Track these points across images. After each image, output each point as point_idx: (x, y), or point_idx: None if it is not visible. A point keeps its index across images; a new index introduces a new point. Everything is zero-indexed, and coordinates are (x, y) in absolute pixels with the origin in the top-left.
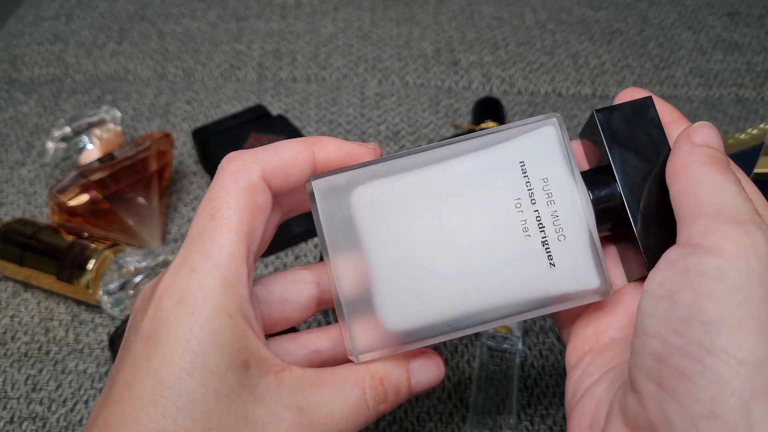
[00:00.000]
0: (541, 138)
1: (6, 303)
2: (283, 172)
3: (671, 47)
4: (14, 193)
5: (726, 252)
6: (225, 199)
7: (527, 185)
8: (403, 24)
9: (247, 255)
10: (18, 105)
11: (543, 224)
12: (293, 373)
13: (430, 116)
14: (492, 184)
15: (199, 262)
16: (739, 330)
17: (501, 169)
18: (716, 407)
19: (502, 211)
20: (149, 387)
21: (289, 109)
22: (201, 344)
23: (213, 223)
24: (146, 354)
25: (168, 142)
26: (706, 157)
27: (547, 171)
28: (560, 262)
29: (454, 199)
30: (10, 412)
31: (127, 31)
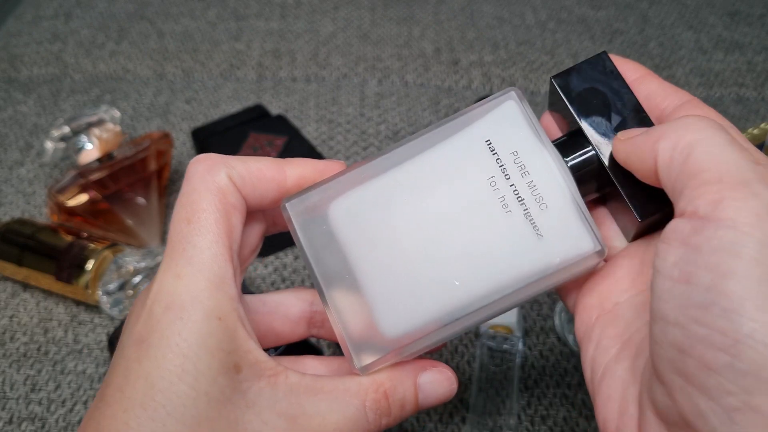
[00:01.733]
0: (502, 114)
1: (5, 303)
2: (250, 180)
3: (672, 47)
4: (13, 193)
5: (738, 222)
6: (198, 202)
7: (498, 162)
8: (403, 23)
9: (230, 255)
10: (17, 104)
11: (522, 197)
12: (288, 378)
13: (430, 116)
14: (462, 169)
15: (183, 267)
16: (763, 311)
17: (469, 152)
18: (752, 399)
19: (477, 192)
20: (140, 390)
21: (288, 109)
22: (191, 347)
23: (190, 227)
24: (138, 358)
25: (167, 142)
26: (692, 118)
27: (515, 144)
28: (547, 230)
29: (429, 192)
30: (9, 413)
31: (126, 31)
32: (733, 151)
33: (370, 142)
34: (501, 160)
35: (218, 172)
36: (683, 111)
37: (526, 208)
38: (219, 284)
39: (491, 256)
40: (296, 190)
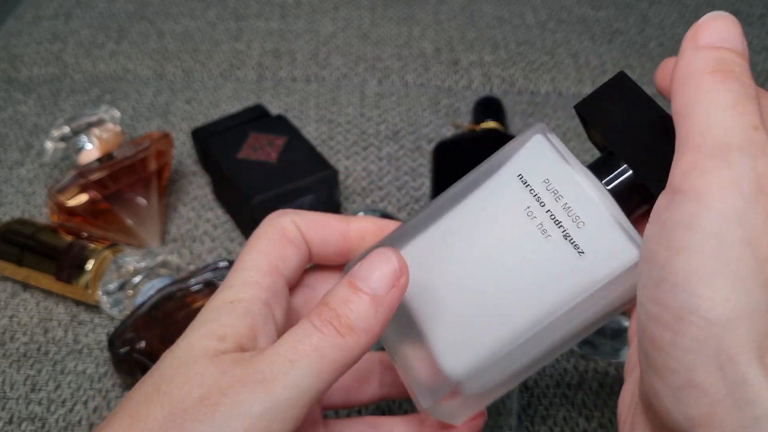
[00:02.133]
0: (530, 149)
1: (5, 303)
2: (314, 225)
3: (672, 47)
4: (13, 193)
5: (703, 194)
6: (257, 233)
7: (531, 192)
8: (403, 23)
9: (267, 275)
10: (17, 104)
11: (558, 219)
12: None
13: (430, 116)
14: (501, 206)
15: (227, 278)
16: (708, 286)
17: (504, 190)
18: (693, 375)
19: (517, 224)
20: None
21: (288, 109)
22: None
23: (243, 250)
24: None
25: (167, 142)
26: (708, 65)
27: (546, 173)
28: (587, 247)
29: (474, 234)
30: (9, 413)
31: (126, 31)
32: (729, 114)
33: (370, 142)
34: (534, 190)
35: (283, 216)
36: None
37: (564, 229)
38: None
39: (537, 280)
40: (358, 242)
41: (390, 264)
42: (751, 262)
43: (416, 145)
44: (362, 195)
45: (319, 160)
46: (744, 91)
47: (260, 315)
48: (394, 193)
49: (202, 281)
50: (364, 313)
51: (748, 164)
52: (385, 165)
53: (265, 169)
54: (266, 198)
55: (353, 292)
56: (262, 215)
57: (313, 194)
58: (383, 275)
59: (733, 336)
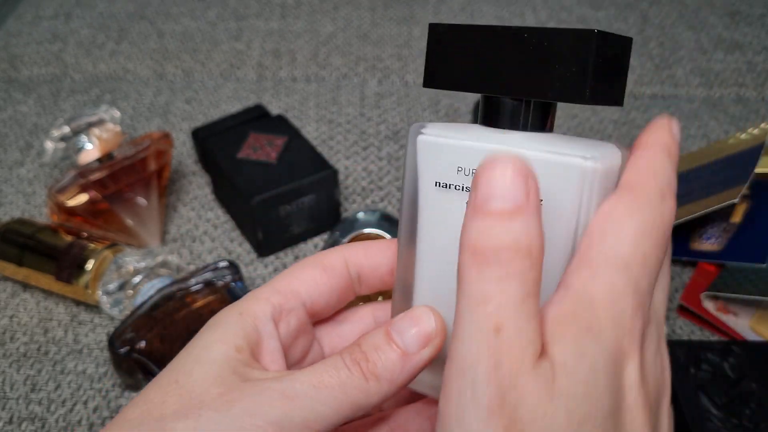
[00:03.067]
0: (424, 154)
1: (5, 303)
2: (363, 254)
3: (672, 47)
4: (13, 193)
5: (445, 421)
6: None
7: (456, 188)
8: (403, 23)
9: (278, 298)
10: (17, 104)
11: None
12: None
13: (430, 116)
14: (446, 222)
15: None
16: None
17: (435, 205)
18: None
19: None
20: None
21: (288, 109)
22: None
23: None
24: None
25: (167, 142)
26: (470, 243)
27: (452, 163)
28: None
29: (452, 261)
30: (9, 413)
31: (126, 31)
32: (473, 319)
33: (370, 142)
34: (457, 185)
35: (332, 250)
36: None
37: None
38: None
39: None
40: None
41: (428, 324)
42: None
43: None
44: (362, 195)
45: (319, 160)
46: (496, 273)
47: (265, 330)
48: (394, 193)
49: (202, 281)
50: (392, 365)
51: (480, 384)
52: (385, 165)
53: (265, 169)
54: (266, 198)
55: (387, 341)
56: (262, 215)
57: (313, 194)
58: (418, 334)
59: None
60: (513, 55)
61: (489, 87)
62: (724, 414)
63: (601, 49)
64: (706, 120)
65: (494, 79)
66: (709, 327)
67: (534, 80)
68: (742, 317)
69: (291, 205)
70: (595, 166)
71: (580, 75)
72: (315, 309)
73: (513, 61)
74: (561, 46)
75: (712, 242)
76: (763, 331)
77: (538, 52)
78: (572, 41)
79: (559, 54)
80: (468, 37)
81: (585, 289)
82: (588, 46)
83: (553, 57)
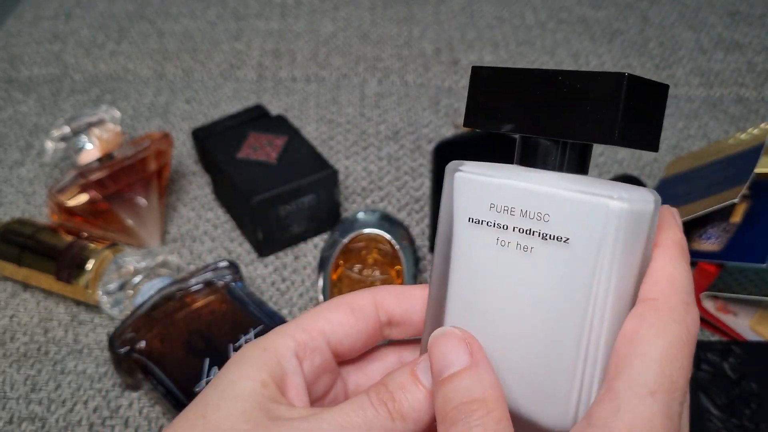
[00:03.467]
0: (460, 191)
1: (5, 303)
2: (396, 298)
3: (672, 47)
4: (13, 193)
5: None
6: (321, 305)
7: (487, 225)
8: (403, 23)
9: (302, 344)
10: (17, 104)
11: (525, 228)
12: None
13: (430, 116)
14: (477, 257)
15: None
16: None
17: (467, 242)
18: None
19: (499, 261)
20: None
21: (288, 109)
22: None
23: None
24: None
25: (167, 142)
26: (439, 407)
27: (485, 200)
28: (566, 230)
29: (482, 300)
30: (10, 413)
31: (126, 31)
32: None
33: (370, 142)
34: (488, 222)
35: (363, 291)
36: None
37: (537, 231)
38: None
39: (556, 292)
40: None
41: None
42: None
43: (416, 145)
44: (362, 195)
45: (319, 160)
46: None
47: (289, 366)
48: (394, 193)
49: (202, 281)
50: (418, 404)
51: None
52: (385, 165)
53: (265, 169)
54: (266, 198)
55: (413, 381)
56: (262, 215)
57: (313, 194)
58: None
59: None
60: (548, 96)
61: (525, 128)
62: (724, 414)
63: (632, 92)
64: (706, 120)
65: (530, 120)
66: (709, 327)
67: (567, 121)
68: (742, 317)
69: (291, 205)
70: (622, 206)
71: (610, 116)
72: (340, 350)
73: (548, 102)
74: (593, 89)
75: (712, 242)
76: (763, 331)
77: (572, 94)
78: (604, 84)
79: (591, 96)
80: (507, 79)
81: (606, 424)
82: (618, 88)
83: (585, 99)
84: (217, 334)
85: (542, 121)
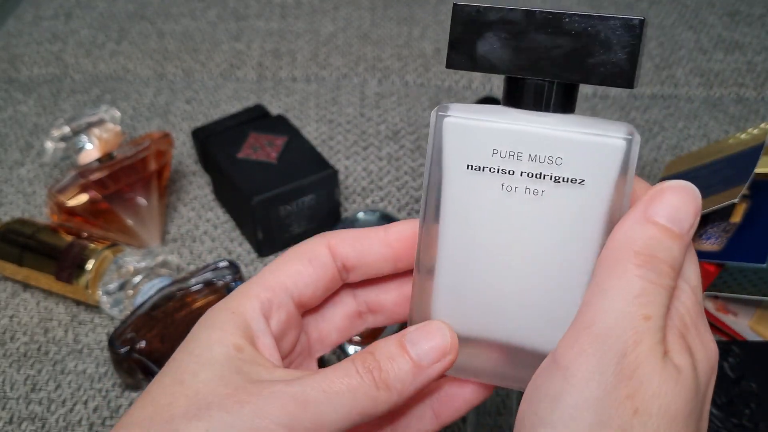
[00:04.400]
0: (452, 136)
1: (5, 303)
2: (350, 242)
3: (672, 47)
4: (13, 193)
5: (572, 374)
6: (283, 253)
7: (490, 170)
8: (403, 23)
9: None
10: (17, 104)
11: (536, 173)
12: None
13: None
14: (480, 206)
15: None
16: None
17: (467, 189)
18: None
19: (506, 207)
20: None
21: (288, 109)
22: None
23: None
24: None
25: (167, 142)
26: (637, 243)
27: (486, 146)
28: (580, 172)
29: (485, 247)
30: (10, 413)
31: (126, 31)
32: (626, 302)
33: (370, 142)
34: (492, 167)
35: (317, 238)
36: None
37: (549, 175)
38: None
39: (572, 233)
40: (402, 248)
41: (442, 339)
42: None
43: (416, 145)
44: (362, 195)
45: (319, 160)
46: (656, 278)
47: (258, 327)
48: (394, 193)
49: (202, 281)
50: (404, 375)
51: (618, 353)
52: (385, 165)
53: (265, 169)
54: (266, 198)
55: (400, 352)
56: (262, 215)
57: (313, 194)
58: (433, 348)
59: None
60: (551, 39)
61: (522, 69)
62: (723, 414)
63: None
64: (706, 120)
65: (526, 61)
66: (709, 327)
67: (576, 64)
68: (742, 317)
69: (291, 205)
70: (626, 144)
71: (628, 61)
72: (302, 300)
73: (551, 45)
74: (607, 33)
75: (712, 242)
76: (763, 331)
77: (580, 38)
78: (619, 28)
79: (604, 40)
80: (496, 19)
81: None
82: (636, 33)
83: (598, 43)
84: None
85: (544, 63)
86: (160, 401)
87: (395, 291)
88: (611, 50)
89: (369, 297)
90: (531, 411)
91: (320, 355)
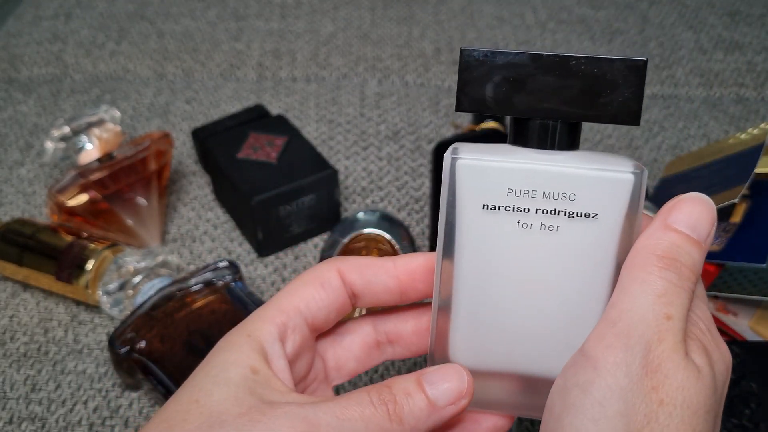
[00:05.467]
0: (467, 178)
1: (5, 303)
2: (358, 269)
3: (672, 47)
4: (13, 193)
5: (600, 366)
6: (297, 277)
7: (506, 209)
8: (403, 23)
9: (286, 319)
10: (17, 104)
11: (550, 209)
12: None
13: (430, 116)
14: (496, 243)
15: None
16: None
17: (484, 228)
18: None
19: (523, 243)
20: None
21: (288, 109)
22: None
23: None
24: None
25: (167, 142)
26: (659, 247)
27: (501, 185)
28: (593, 206)
29: (501, 284)
30: (10, 413)
31: (126, 31)
32: (650, 301)
33: (370, 142)
34: (507, 206)
35: (328, 263)
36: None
37: (564, 211)
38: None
39: (587, 267)
40: (409, 281)
41: (460, 383)
42: (622, 431)
43: (416, 145)
44: (362, 195)
45: (319, 160)
46: (677, 281)
47: (273, 351)
48: (394, 193)
49: (202, 281)
50: (418, 413)
51: (643, 348)
52: (385, 165)
53: (265, 169)
54: (266, 198)
55: (417, 390)
56: (262, 215)
57: (313, 194)
58: (449, 390)
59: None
60: (557, 81)
61: (531, 111)
62: (724, 414)
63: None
64: (706, 120)
65: (537, 103)
66: None
67: (584, 105)
68: (742, 317)
69: (291, 205)
70: (635, 178)
71: (634, 100)
72: (316, 324)
73: (558, 86)
74: (613, 74)
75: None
76: (763, 331)
77: (587, 79)
78: (625, 69)
79: (611, 81)
80: (504, 63)
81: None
82: (641, 73)
83: (605, 83)
84: (217, 334)
85: (551, 104)
86: (175, 418)
87: (413, 320)
88: (617, 90)
89: (388, 327)
90: (560, 399)
91: (337, 383)
